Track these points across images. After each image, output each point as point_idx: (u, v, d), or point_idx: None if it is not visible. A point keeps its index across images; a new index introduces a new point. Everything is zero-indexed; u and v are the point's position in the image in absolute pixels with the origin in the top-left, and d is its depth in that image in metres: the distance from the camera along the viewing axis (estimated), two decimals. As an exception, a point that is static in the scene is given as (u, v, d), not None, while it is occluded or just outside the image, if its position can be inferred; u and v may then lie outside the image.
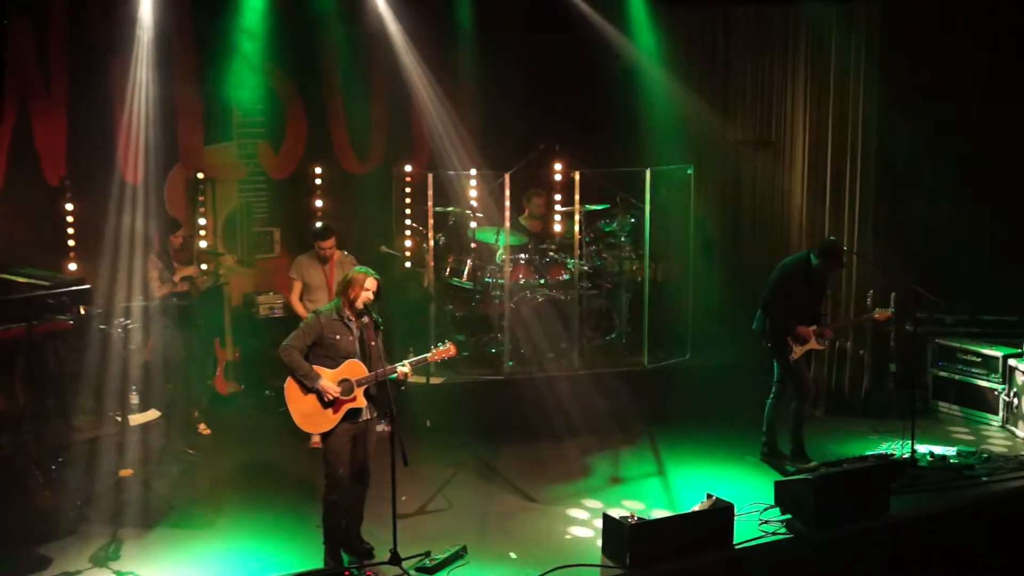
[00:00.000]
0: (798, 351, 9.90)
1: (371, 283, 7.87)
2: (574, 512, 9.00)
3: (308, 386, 7.74)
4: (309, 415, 7.81)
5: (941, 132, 11.50)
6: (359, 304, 7.85)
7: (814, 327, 9.88)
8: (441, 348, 8.23)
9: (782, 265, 10.12)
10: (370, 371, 7.85)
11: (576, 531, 8.66)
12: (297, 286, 10.40)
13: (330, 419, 7.81)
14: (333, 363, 7.83)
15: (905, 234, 11.56)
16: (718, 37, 13.03)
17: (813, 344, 9.94)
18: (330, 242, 10.34)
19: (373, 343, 7.89)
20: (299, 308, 10.29)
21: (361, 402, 7.85)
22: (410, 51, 13.02)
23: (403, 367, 7.95)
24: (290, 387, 7.83)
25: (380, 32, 12.92)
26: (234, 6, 12.03)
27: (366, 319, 7.92)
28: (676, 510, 8.76)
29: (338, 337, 7.84)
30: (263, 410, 11.41)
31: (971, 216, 11.59)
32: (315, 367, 7.78)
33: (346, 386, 7.79)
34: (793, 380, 10.00)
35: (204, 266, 10.93)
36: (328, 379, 7.76)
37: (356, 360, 7.85)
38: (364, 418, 7.93)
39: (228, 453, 10.39)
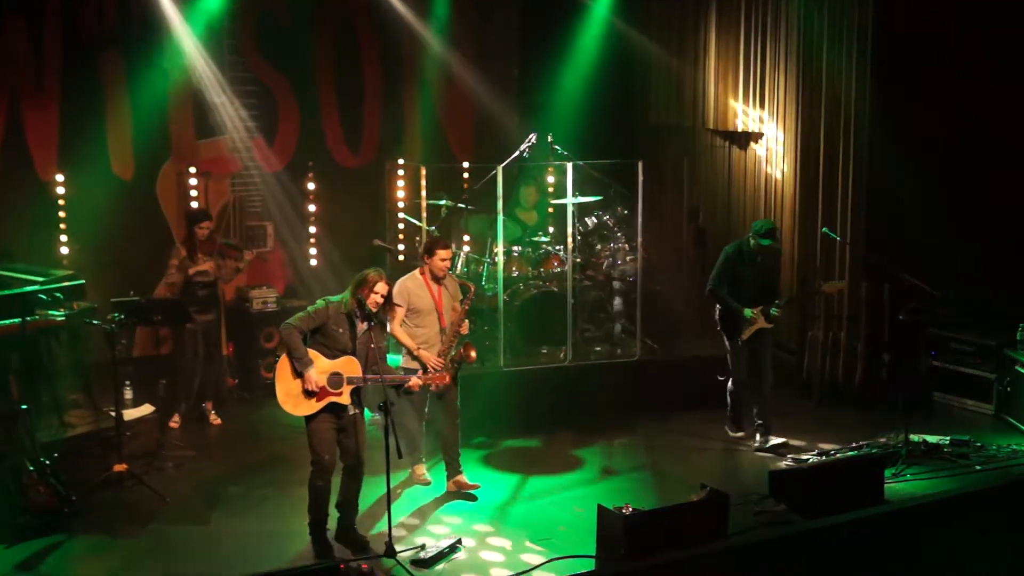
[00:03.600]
0: (746, 332, 10.15)
1: (382, 287, 7.89)
2: (568, 503, 8.99)
3: (298, 369, 7.78)
4: (293, 396, 7.84)
5: (934, 124, 11.47)
6: (371, 305, 7.88)
7: (760, 307, 10.09)
8: (436, 373, 8.32)
9: (723, 250, 10.42)
10: (364, 372, 7.88)
11: (571, 522, 8.64)
12: (400, 312, 9.09)
13: (311, 406, 7.86)
14: (330, 353, 7.86)
15: (898, 225, 11.53)
16: (709, 27, 13.02)
17: (761, 323, 10.15)
18: (450, 251, 9.34)
19: (373, 345, 7.92)
20: (403, 336, 9.08)
21: (346, 399, 7.90)
22: (402, 44, 13.04)
23: (417, 379, 8.09)
24: (283, 364, 7.86)
25: (373, 25, 12.95)
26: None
27: (373, 321, 7.94)
28: (671, 501, 8.76)
29: (341, 330, 7.88)
30: (257, 405, 11.41)
31: (965, 207, 11.56)
32: (311, 351, 7.82)
33: (336, 380, 7.84)
34: (732, 361, 10.34)
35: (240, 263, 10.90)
36: (323, 368, 7.80)
37: (354, 358, 7.89)
38: (349, 413, 7.97)
39: (222, 448, 10.38)
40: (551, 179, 12.96)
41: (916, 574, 8.02)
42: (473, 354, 9.17)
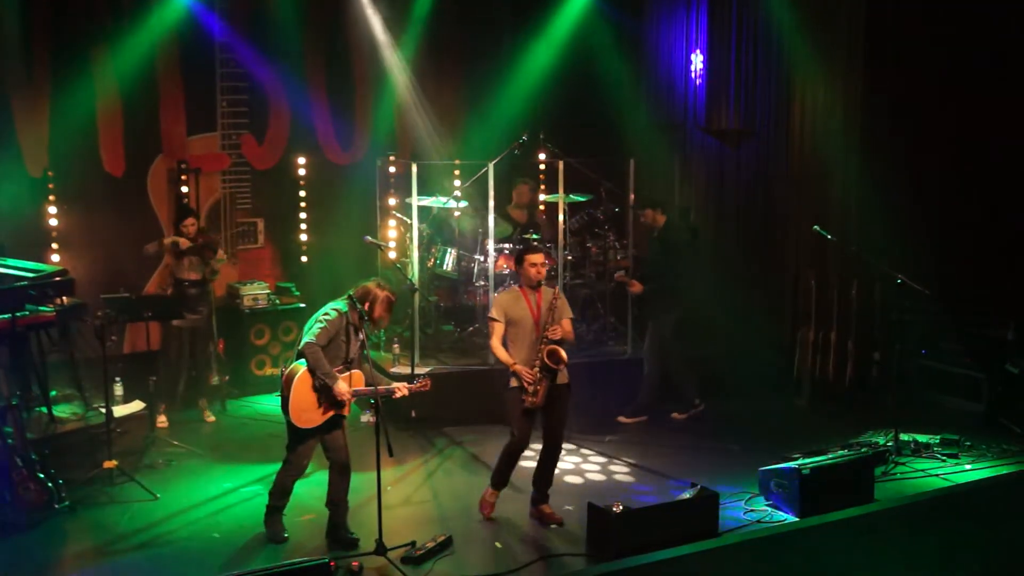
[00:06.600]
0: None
1: (390, 306, 8.06)
2: (559, 501, 8.98)
3: (328, 385, 7.78)
4: (304, 409, 7.88)
5: (927, 123, 11.47)
6: (383, 323, 8.15)
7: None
8: (419, 382, 8.25)
9: None
10: (367, 383, 7.97)
11: (561, 519, 8.64)
12: (499, 328, 8.56)
13: (319, 418, 7.92)
14: (333, 364, 7.88)
15: (890, 223, 11.53)
16: (700, 23, 13.02)
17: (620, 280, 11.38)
18: (541, 256, 8.68)
19: (367, 352, 8.06)
20: (502, 353, 8.55)
21: (347, 410, 8.04)
22: (393, 41, 13.01)
23: (404, 389, 8.07)
24: (303, 379, 7.83)
25: (364, 23, 12.92)
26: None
27: (366, 327, 8.08)
28: (661, 499, 8.78)
29: (344, 341, 7.94)
30: (248, 402, 11.40)
31: (958, 207, 11.57)
32: None
33: None
34: None
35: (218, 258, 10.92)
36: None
37: (360, 372, 8.00)
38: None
39: (213, 445, 10.36)
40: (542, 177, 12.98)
41: (907, 573, 8.04)
42: (563, 355, 8.47)
